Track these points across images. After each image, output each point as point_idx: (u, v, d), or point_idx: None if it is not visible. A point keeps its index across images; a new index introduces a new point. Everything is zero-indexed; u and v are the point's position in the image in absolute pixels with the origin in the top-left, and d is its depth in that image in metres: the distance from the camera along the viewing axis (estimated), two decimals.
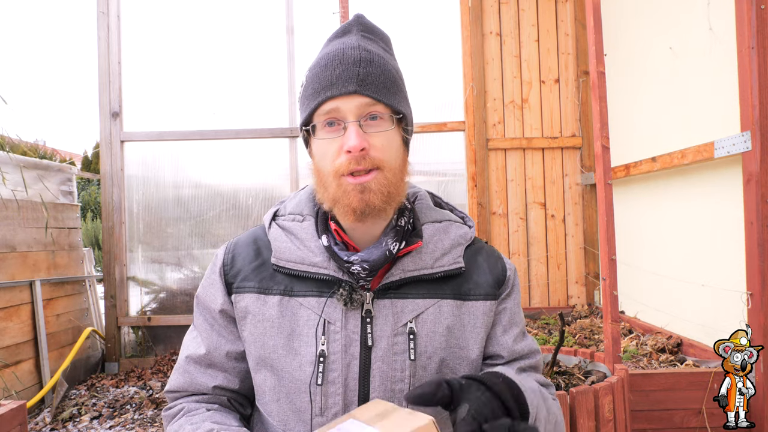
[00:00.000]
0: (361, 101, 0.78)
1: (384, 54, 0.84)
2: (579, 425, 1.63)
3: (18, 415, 1.86)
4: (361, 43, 0.82)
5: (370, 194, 0.79)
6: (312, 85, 0.82)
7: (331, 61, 0.80)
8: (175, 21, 4.06)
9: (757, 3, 1.96)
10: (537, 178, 4.06)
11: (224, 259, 0.91)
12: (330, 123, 0.80)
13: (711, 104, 2.57)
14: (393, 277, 0.84)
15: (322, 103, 0.79)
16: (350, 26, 0.85)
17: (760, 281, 1.99)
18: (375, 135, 0.79)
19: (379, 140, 0.80)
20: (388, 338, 0.82)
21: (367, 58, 0.80)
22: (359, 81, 0.78)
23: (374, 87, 0.79)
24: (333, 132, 0.80)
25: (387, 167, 0.80)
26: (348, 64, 0.79)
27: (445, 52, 4.09)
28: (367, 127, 0.79)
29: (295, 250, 0.86)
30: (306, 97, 0.83)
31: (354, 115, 0.78)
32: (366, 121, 0.79)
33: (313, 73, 0.82)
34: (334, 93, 0.78)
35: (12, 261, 3.14)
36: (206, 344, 0.90)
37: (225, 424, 0.84)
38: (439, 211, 0.93)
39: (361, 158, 0.77)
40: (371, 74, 0.79)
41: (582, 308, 3.92)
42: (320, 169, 0.83)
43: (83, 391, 3.43)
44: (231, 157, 4.00)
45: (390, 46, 0.89)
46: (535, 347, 0.94)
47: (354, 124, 0.78)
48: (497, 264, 0.93)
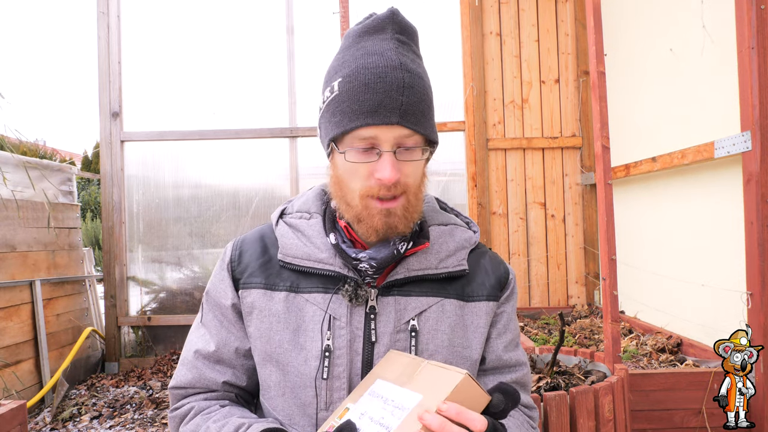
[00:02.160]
0: (400, 132, 0.77)
1: (421, 68, 0.82)
2: (579, 425, 1.63)
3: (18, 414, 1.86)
4: (402, 59, 0.78)
5: (394, 218, 0.80)
6: (349, 102, 0.77)
7: (372, 82, 0.76)
8: (175, 21, 4.06)
9: (757, 3, 1.96)
10: (537, 178, 4.06)
11: (231, 255, 0.92)
12: (365, 147, 0.78)
13: (711, 104, 2.57)
14: (398, 275, 0.85)
15: (359, 127, 0.77)
16: (385, 24, 0.80)
17: (760, 281, 2.00)
18: (407, 164, 0.80)
19: (409, 168, 0.80)
20: (391, 335, 0.83)
21: (410, 83, 0.77)
22: (402, 112, 0.76)
23: (415, 118, 0.77)
24: (366, 156, 0.78)
25: (411, 191, 0.81)
26: (391, 90, 0.75)
27: (445, 52, 4.09)
28: (401, 155, 0.78)
29: (302, 247, 0.87)
30: (339, 112, 0.78)
31: (391, 145, 0.77)
32: (400, 150, 0.78)
33: (350, 88, 0.77)
34: (376, 122, 0.75)
35: (12, 261, 3.14)
36: (215, 341, 0.90)
37: (251, 417, 0.84)
38: (445, 215, 0.95)
39: (392, 186, 0.78)
40: (412, 103, 0.77)
41: (582, 308, 3.92)
42: (345, 185, 0.82)
43: (83, 391, 3.43)
44: (231, 157, 4.00)
45: (418, 44, 0.87)
46: (524, 360, 0.94)
47: (390, 155, 0.77)
48: (500, 267, 0.95)
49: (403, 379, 0.72)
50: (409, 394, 0.69)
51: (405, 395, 0.69)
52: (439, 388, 0.67)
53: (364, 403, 0.73)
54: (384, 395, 0.72)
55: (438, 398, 0.65)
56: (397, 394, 0.70)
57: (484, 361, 0.91)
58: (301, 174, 4.01)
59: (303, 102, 4.02)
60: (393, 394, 0.71)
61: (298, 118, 4.01)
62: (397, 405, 0.68)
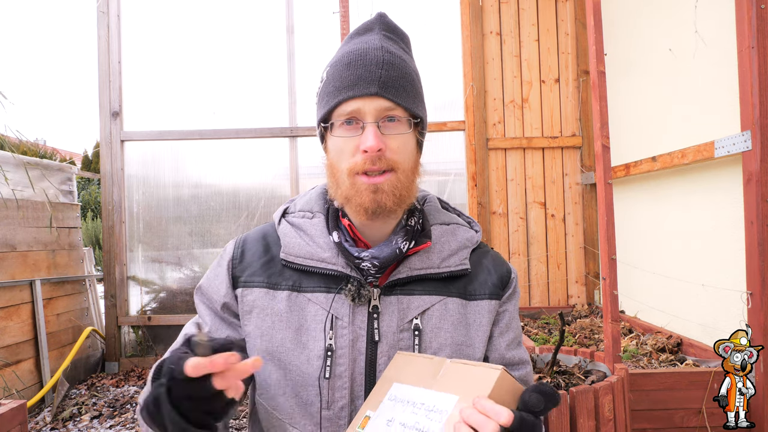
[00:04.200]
0: (381, 104, 0.79)
1: (405, 56, 0.85)
2: (579, 425, 1.63)
3: (18, 414, 1.86)
4: (384, 44, 0.82)
5: (382, 195, 0.80)
6: (333, 82, 0.82)
7: (353, 61, 0.80)
8: (175, 21, 4.06)
9: (757, 3, 1.96)
10: (537, 178, 4.06)
11: (233, 254, 0.92)
12: (348, 122, 0.81)
13: (711, 103, 2.57)
14: (400, 274, 0.86)
15: (342, 102, 0.80)
16: (372, 24, 0.85)
17: (760, 281, 2.00)
18: (392, 137, 0.81)
19: (395, 142, 0.81)
20: (394, 334, 0.84)
21: (389, 60, 0.80)
22: (381, 83, 0.79)
23: (395, 90, 0.80)
24: (351, 131, 0.81)
25: (400, 169, 0.82)
26: (370, 65, 0.79)
27: (445, 52, 4.09)
28: (385, 129, 0.80)
29: (304, 246, 0.87)
30: (326, 94, 0.83)
31: (373, 116, 0.79)
32: (384, 123, 0.80)
33: (335, 71, 0.82)
34: (356, 93, 0.79)
35: (12, 260, 3.14)
36: (208, 328, 0.90)
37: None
38: (447, 214, 0.96)
39: (376, 158, 0.79)
40: (392, 77, 0.80)
41: (582, 308, 3.92)
42: (335, 166, 0.84)
43: (83, 391, 3.43)
44: (231, 157, 4.00)
45: (409, 46, 0.90)
46: (526, 358, 0.94)
47: (372, 125, 0.79)
48: (502, 266, 0.95)
49: (427, 381, 0.70)
50: (441, 396, 0.66)
51: (437, 397, 0.66)
52: (477, 387, 0.63)
53: (387, 409, 0.70)
54: (411, 399, 0.69)
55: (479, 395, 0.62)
56: (426, 397, 0.67)
57: (487, 360, 0.91)
58: (301, 174, 4.01)
59: (303, 102, 4.02)
60: (422, 398, 0.68)
61: (298, 118, 4.01)
62: (431, 408, 0.66)
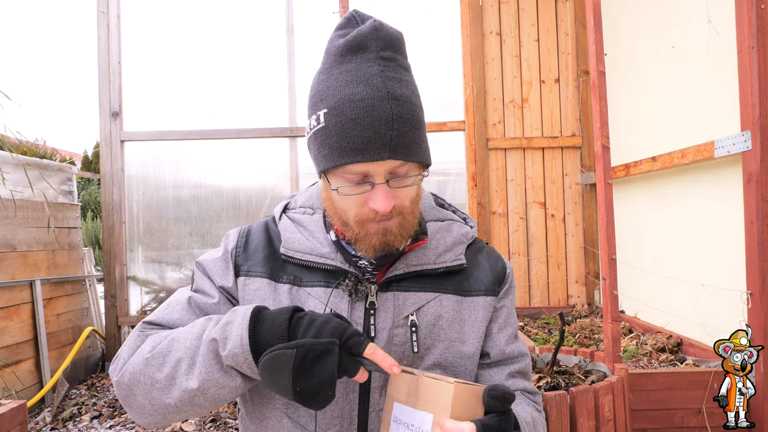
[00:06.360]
0: (392, 165, 0.76)
1: (409, 89, 0.78)
2: (579, 425, 1.63)
3: (18, 414, 1.86)
4: (388, 86, 0.74)
5: (391, 236, 0.81)
6: (336, 137, 0.74)
7: (360, 117, 0.73)
8: (175, 21, 4.05)
9: (757, 3, 1.96)
10: (537, 178, 4.06)
11: (237, 242, 0.92)
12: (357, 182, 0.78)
13: (711, 104, 2.57)
14: (397, 271, 0.86)
15: (349, 164, 0.75)
16: (367, 41, 0.76)
17: (760, 281, 2.00)
18: (401, 190, 0.79)
19: (404, 193, 0.80)
20: (390, 330, 0.84)
21: (398, 114, 0.74)
22: (392, 147, 0.74)
23: (406, 149, 0.75)
24: (359, 188, 0.77)
25: (407, 210, 0.82)
26: (380, 126, 0.72)
27: (445, 52, 4.09)
28: (394, 183, 0.78)
29: (304, 241, 0.88)
30: (328, 146, 0.76)
31: (383, 177, 0.76)
32: (393, 179, 0.78)
33: (336, 121, 0.74)
34: (366, 159, 0.73)
35: (12, 261, 3.14)
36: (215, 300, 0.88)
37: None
38: (441, 211, 0.96)
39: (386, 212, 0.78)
40: (403, 134, 0.74)
41: (582, 308, 3.92)
42: (340, 210, 0.82)
43: (83, 391, 3.43)
44: (231, 157, 4.00)
45: (406, 51, 0.84)
46: (525, 350, 0.96)
47: (383, 185, 0.76)
48: (497, 262, 0.95)
49: (412, 400, 0.73)
50: (421, 415, 0.71)
51: (420, 417, 0.71)
52: (441, 404, 0.68)
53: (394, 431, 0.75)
54: (405, 420, 0.73)
55: (444, 414, 0.67)
56: (414, 418, 0.72)
57: (488, 355, 0.92)
58: (301, 173, 4.01)
59: (303, 102, 4.02)
60: (411, 418, 0.72)
61: (298, 118, 4.01)
62: (418, 429, 0.70)
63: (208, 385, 0.73)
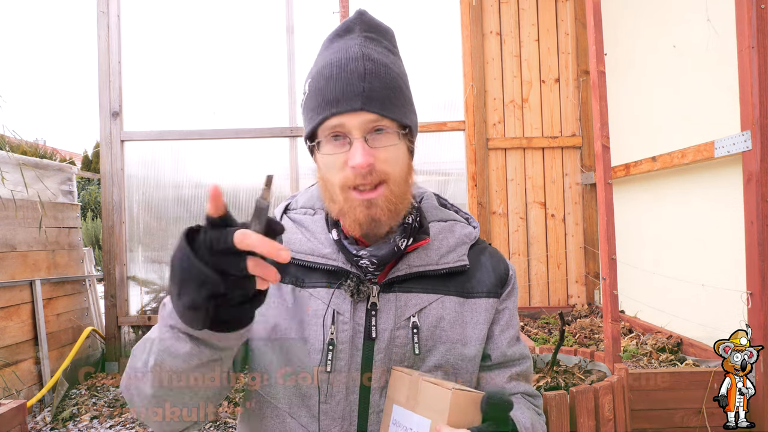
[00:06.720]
0: (366, 117, 0.76)
1: (389, 59, 0.82)
2: (579, 424, 1.63)
3: (18, 414, 1.86)
4: (365, 51, 0.79)
5: (376, 209, 0.79)
6: (315, 98, 0.79)
7: (334, 74, 0.77)
8: (175, 21, 4.05)
9: (757, 3, 1.96)
10: (537, 178, 4.06)
11: None
12: (335, 137, 0.79)
13: (711, 103, 2.57)
14: (399, 271, 0.86)
15: (326, 119, 0.77)
16: (352, 24, 0.82)
17: (760, 281, 1.99)
18: (381, 149, 0.79)
19: (385, 154, 0.79)
20: (391, 331, 0.84)
21: (371, 70, 0.77)
22: (364, 98, 0.76)
23: (380, 102, 0.77)
24: (338, 147, 0.78)
25: (393, 180, 0.80)
26: (352, 78, 0.76)
27: (445, 52, 4.09)
28: (373, 141, 0.78)
29: (306, 242, 0.88)
30: (309, 110, 0.81)
31: (359, 131, 0.77)
32: (372, 135, 0.78)
33: (316, 84, 0.79)
34: (339, 110, 0.76)
35: (12, 260, 3.14)
36: None
37: None
38: (444, 211, 0.95)
39: (367, 173, 0.77)
40: (376, 89, 0.77)
41: (582, 308, 3.92)
42: (327, 181, 0.83)
43: (83, 391, 3.44)
44: (231, 157, 4.00)
45: (395, 42, 0.87)
46: (526, 353, 0.95)
47: (360, 140, 0.77)
48: (500, 264, 0.95)
49: (411, 403, 0.74)
50: (420, 420, 0.71)
51: (418, 422, 0.71)
52: (439, 409, 0.69)
53: None
54: (404, 423, 0.73)
55: (442, 420, 0.68)
56: (412, 421, 0.72)
57: (489, 357, 0.91)
58: (301, 174, 4.01)
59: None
60: (409, 421, 0.73)
61: (298, 118, 4.01)
62: None
63: (162, 356, 0.69)
